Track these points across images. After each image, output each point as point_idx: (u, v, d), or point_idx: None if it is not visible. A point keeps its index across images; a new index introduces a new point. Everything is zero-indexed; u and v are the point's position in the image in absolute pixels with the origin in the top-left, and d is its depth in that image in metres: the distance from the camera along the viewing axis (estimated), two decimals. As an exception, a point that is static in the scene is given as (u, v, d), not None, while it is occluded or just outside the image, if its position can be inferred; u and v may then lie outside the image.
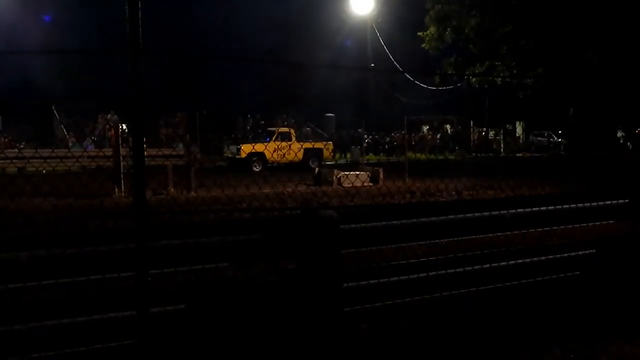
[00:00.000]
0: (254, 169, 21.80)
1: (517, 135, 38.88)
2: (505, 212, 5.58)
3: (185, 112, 27.39)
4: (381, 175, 15.92)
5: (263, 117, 31.76)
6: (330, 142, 25.08)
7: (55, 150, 14.70)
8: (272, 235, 4.24)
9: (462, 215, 5.35)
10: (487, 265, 5.23)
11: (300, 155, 22.51)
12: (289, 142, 22.65)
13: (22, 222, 8.06)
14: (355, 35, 33.69)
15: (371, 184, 15.47)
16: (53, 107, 25.63)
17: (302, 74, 33.00)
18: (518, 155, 33.27)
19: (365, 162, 23.09)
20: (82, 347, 3.88)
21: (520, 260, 5.52)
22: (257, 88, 32.16)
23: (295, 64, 22.04)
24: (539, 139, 38.23)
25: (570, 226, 6.24)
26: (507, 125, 37.62)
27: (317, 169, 17.00)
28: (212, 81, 29.56)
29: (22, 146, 18.46)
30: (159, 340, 3.37)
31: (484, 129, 37.29)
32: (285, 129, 23.83)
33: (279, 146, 22.06)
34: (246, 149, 21.67)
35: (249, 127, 30.81)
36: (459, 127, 36.74)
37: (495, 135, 37.34)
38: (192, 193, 13.22)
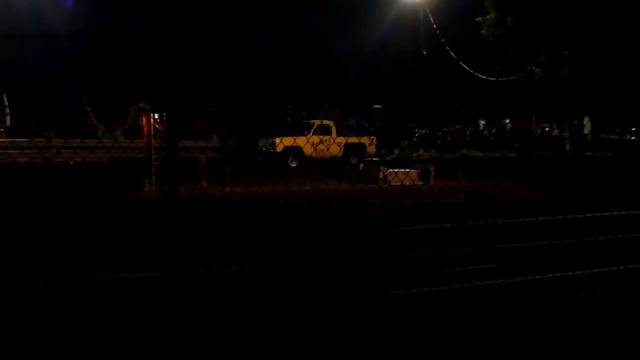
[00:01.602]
0: (290, 164, 21.90)
1: (585, 132, 37.76)
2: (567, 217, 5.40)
3: (220, 104, 27.29)
4: (432, 174, 15.74)
5: (304, 109, 31.88)
6: (374, 137, 24.94)
7: (85, 141, 15.11)
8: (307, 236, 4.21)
9: (520, 220, 5.21)
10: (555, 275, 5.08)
11: (341, 150, 22.51)
12: (330, 136, 22.65)
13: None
14: (406, 20, 33.38)
15: (421, 183, 15.30)
16: (82, 95, 26.27)
17: (351, 63, 32.95)
18: (586, 154, 32.30)
19: (415, 158, 22.87)
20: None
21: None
22: (298, 75, 31.83)
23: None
24: (611, 136, 37.00)
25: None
26: (574, 121, 36.60)
27: (361, 166, 16.92)
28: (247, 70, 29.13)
29: (51, 135, 19.01)
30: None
31: (548, 125, 36.40)
32: (326, 122, 23.82)
33: (319, 140, 22.11)
34: (282, 142, 21.79)
35: (288, 119, 30.96)
36: (520, 122, 35.97)
37: (561, 132, 36.35)
38: (227, 189, 13.36)
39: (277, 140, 22.11)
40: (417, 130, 33.55)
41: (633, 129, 35.70)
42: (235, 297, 3.81)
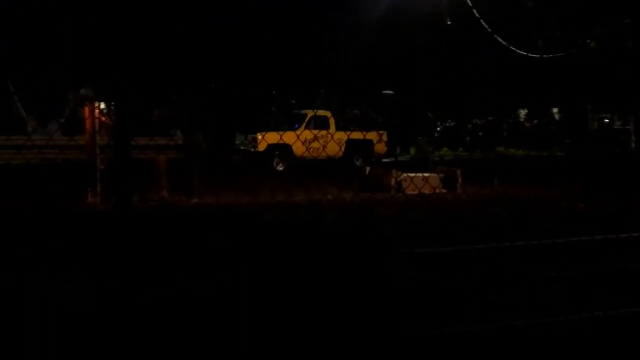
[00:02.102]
0: (276, 167, 21.90)
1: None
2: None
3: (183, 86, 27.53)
4: (459, 179, 15.73)
5: (294, 95, 31.93)
6: (384, 132, 24.93)
7: (10, 138, 14.99)
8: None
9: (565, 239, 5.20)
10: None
11: (341, 148, 22.48)
12: (327, 131, 22.65)
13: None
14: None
15: (445, 191, 15.28)
16: (8, 81, 26.19)
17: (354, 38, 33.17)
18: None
19: (437, 159, 22.87)
20: None
21: None
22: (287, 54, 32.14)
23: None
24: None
25: None
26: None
27: (367, 169, 16.90)
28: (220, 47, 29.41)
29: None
30: None
31: (608, 115, 36.51)
32: (322, 113, 23.81)
33: (312, 137, 22.09)
34: (266, 139, 21.68)
35: (274, 109, 31.00)
36: (571, 112, 36.05)
37: (624, 124, 36.46)
38: (195, 199, 13.31)
39: (259, 136, 22.09)
40: (439, 122, 33.64)
41: None
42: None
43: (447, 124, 34.81)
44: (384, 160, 24.08)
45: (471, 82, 33.88)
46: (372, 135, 23.58)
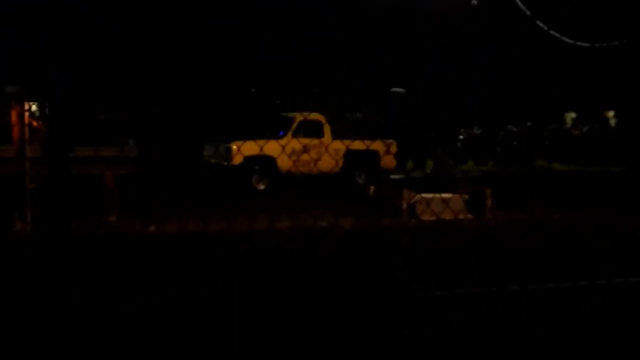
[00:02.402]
0: (256, 186, 21.86)
1: None
2: None
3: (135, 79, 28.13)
4: (489, 201, 15.75)
5: (280, 94, 32.02)
6: (393, 141, 24.94)
7: None
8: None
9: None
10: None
11: (338, 162, 22.49)
12: (320, 140, 22.66)
13: None
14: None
15: (471, 216, 15.28)
16: None
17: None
18: None
19: (460, 175, 22.87)
20: None
21: None
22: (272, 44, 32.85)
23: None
24: None
25: None
26: None
27: (372, 188, 16.92)
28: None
29: None
30: None
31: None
32: (315, 116, 23.80)
33: (302, 147, 22.09)
34: (242, 150, 21.60)
35: (255, 112, 31.04)
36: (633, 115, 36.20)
37: None
38: (152, 227, 13.29)
39: (234, 146, 22.05)
40: (463, 129, 33.75)
41: None
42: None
43: (474, 131, 34.90)
44: (393, 177, 24.11)
45: (502, 79, 34.00)
46: (377, 145, 23.59)
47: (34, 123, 13.90)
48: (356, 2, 34.58)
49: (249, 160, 21.70)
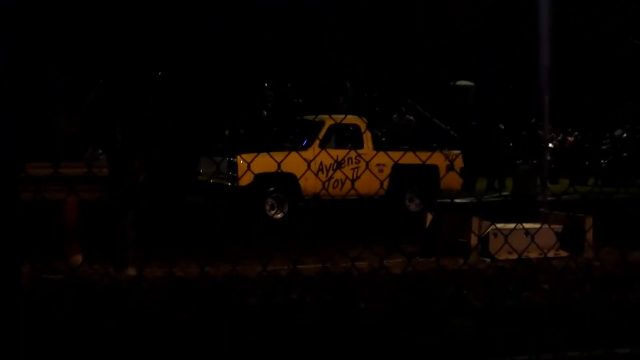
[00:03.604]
0: (271, 213, 21.88)
1: None
2: None
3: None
4: (589, 234, 15.68)
5: (301, 90, 32.25)
6: (459, 153, 24.85)
7: None
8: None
9: None
10: None
11: (384, 182, 22.42)
12: (358, 152, 22.64)
13: None
14: None
15: (565, 254, 15.23)
16: None
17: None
18: None
19: (548, 198, 22.79)
20: None
21: None
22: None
23: None
24: None
25: None
26: None
27: (429, 217, 16.93)
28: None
29: None
30: None
31: None
32: (350, 120, 23.80)
33: (332, 161, 22.12)
34: (252, 166, 21.41)
35: (265, 113, 31.18)
36: None
37: None
38: (130, 270, 13.35)
39: (241, 160, 22.09)
40: (553, 135, 33.67)
41: None
42: None
43: (569, 138, 34.81)
44: (458, 200, 24.10)
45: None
46: (437, 159, 23.59)
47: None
48: None
49: (262, 179, 21.71)
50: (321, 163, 22.09)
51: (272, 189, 22.02)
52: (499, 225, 15.57)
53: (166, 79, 30.29)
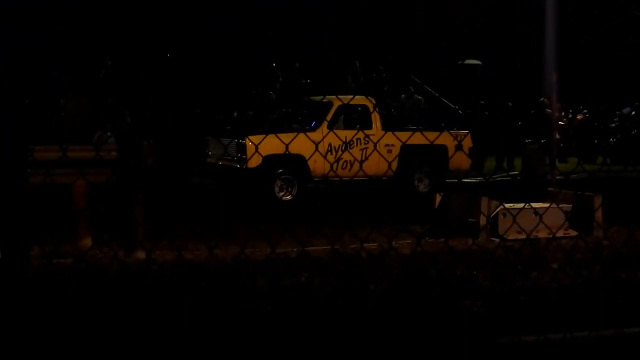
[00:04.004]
0: (280, 194, 21.86)
1: None
2: None
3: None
4: (598, 213, 15.66)
5: (309, 71, 32.25)
6: (467, 132, 24.77)
7: None
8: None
9: None
10: None
11: (392, 162, 22.36)
12: (366, 133, 22.59)
13: None
14: None
15: (574, 233, 15.21)
16: None
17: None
18: None
19: (557, 177, 22.75)
20: None
21: None
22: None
23: None
24: None
25: None
26: None
27: (438, 197, 16.93)
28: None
29: None
30: None
31: None
32: (359, 100, 23.77)
33: (341, 143, 22.08)
34: (261, 147, 21.35)
35: (272, 94, 31.14)
36: None
37: None
38: (139, 253, 13.35)
39: (249, 142, 22.05)
40: (563, 114, 33.59)
41: None
42: None
43: (578, 117, 34.74)
44: (467, 180, 24.08)
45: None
46: (446, 139, 23.53)
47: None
48: None
49: (270, 161, 21.68)
50: (330, 144, 22.06)
51: (280, 170, 22.01)
52: (508, 205, 15.59)
53: (173, 66, 31.47)
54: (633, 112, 34.16)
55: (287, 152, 21.30)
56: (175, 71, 32.46)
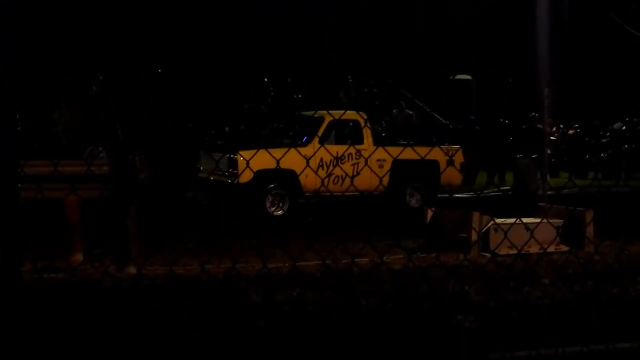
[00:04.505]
0: (271, 210, 21.84)
1: None
2: None
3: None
4: (590, 228, 15.67)
5: (301, 85, 32.34)
6: (459, 148, 24.76)
7: None
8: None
9: None
10: None
11: (383, 177, 22.38)
12: (358, 148, 22.57)
13: None
14: None
15: (565, 248, 15.22)
16: None
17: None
18: None
19: (548, 192, 22.74)
20: None
21: None
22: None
23: None
24: None
25: None
26: None
27: (429, 212, 16.93)
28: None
29: None
30: None
31: None
32: (350, 115, 23.77)
33: (332, 158, 22.08)
34: (252, 162, 21.32)
35: (263, 109, 31.17)
36: None
37: None
38: (131, 268, 13.35)
39: (240, 158, 22.02)
40: (555, 129, 33.65)
41: None
42: None
43: (569, 132, 34.79)
44: (459, 195, 24.08)
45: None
46: (437, 154, 23.54)
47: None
48: None
49: (262, 176, 21.64)
50: (321, 159, 22.06)
51: (272, 185, 22.00)
52: (499, 220, 15.58)
53: (166, 77, 31.31)
54: (624, 127, 34.24)
55: (278, 167, 21.29)
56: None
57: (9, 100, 3.46)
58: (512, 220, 15.53)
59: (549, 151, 30.05)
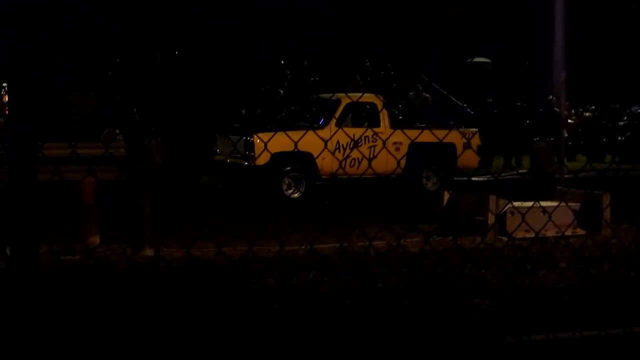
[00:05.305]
0: (288, 192, 21.79)
1: None
2: None
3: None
4: (607, 211, 15.60)
5: (317, 68, 32.30)
6: (475, 131, 24.66)
7: None
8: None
9: None
10: None
11: (400, 160, 22.31)
12: (375, 130, 22.48)
13: None
14: None
15: (582, 232, 15.16)
16: None
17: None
18: None
19: (566, 175, 22.65)
20: None
21: None
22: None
23: None
24: None
25: None
26: None
27: (446, 195, 16.89)
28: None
29: None
30: None
31: None
32: (367, 98, 23.70)
33: (349, 140, 22.01)
34: (269, 145, 21.30)
35: (281, 92, 31.14)
36: None
37: None
38: (147, 250, 13.35)
39: (257, 140, 21.97)
40: (573, 111, 33.50)
41: None
42: None
43: (586, 114, 34.64)
44: (475, 178, 24.00)
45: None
46: (454, 137, 23.45)
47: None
48: None
49: (278, 159, 21.58)
50: (338, 142, 21.98)
51: (289, 168, 21.93)
52: (516, 204, 15.53)
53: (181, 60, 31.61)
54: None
55: (295, 150, 21.13)
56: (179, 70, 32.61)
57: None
58: (529, 203, 15.50)
59: (566, 134, 30.04)
